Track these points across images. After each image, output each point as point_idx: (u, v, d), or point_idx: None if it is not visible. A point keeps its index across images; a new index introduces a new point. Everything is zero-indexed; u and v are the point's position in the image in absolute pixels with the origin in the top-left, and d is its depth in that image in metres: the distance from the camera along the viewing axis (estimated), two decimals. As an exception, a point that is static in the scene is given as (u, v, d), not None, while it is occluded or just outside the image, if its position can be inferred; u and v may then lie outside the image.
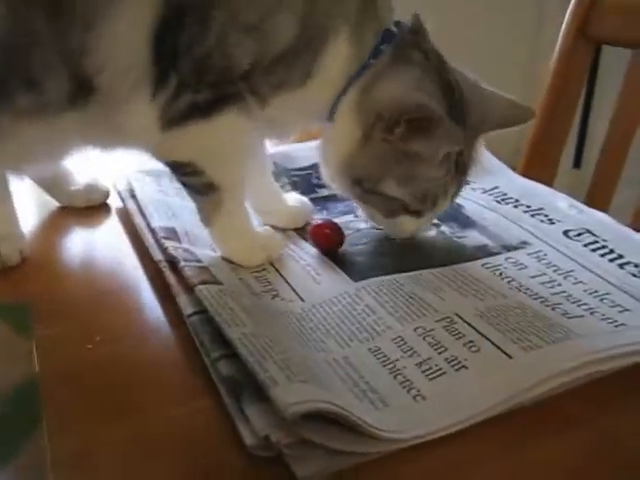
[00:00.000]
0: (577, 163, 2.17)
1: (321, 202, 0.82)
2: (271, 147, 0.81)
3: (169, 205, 0.78)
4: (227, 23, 0.61)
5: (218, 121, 0.64)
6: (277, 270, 0.70)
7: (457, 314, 0.60)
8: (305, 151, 0.90)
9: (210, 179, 0.67)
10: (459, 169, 0.71)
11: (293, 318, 0.62)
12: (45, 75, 0.62)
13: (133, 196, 0.81)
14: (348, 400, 0.50)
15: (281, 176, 0.86)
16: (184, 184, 0.70)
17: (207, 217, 0.70)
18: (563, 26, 1.09)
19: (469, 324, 0.59)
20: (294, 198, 0.81)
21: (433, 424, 0.49)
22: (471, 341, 0.57)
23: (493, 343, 0.56)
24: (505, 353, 0.55)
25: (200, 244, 0.72)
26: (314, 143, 0.90)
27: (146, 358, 0.59)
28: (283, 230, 0.77)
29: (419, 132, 0.65)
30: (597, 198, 1.07)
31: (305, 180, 0.85)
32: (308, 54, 0.65)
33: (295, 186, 0.85)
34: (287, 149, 0.87)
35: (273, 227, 0.77)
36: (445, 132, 0.65)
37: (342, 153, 0.69)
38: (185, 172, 0.68)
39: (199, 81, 0.63)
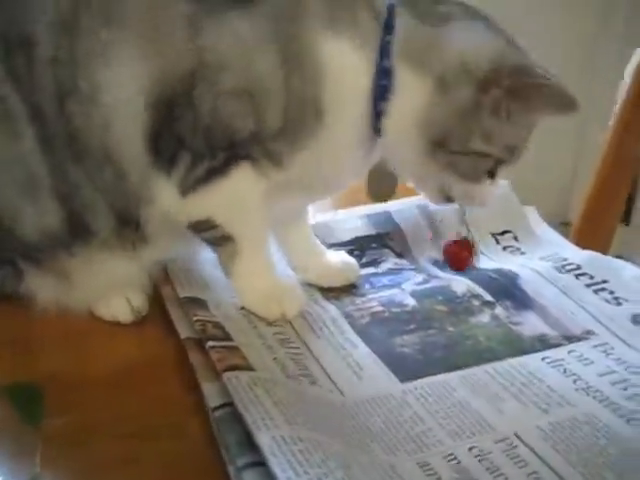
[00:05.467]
0: (626, 219, 2.09)
1: (364, 277, 0.76)
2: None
3: (201, 275, 0.73)
4: (212, 96, 0.61)
5: (235, 175, 0.65)
6: (314, 356, 0.63)
7: (517, 435, 0.53)
8: (346, 223, 0.83)
9: (225, 231, 0.67)
10: None
11: (334, 412, 0.56)
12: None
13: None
14: None
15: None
16: (202, 239, 0.69)
17: (226, 267, 0.69)
18: (621, 93, 1.02)
19: (532, 450, 0.52)
20: (338, 256, 0.77)
21: None
22: (535, 472, 0.50)
23: (562, 478, 0.49)
24: (576, 492, 0.48)
25: (233, 317, 0.67)
26: (355, 211, 0.85)
27: (162, 461, 0.53)
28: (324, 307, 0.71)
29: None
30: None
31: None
32: (309, 87, 0.62)
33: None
34: (326, 220, 0.81)
35: (311, 285, 0.74)
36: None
37: (416, 113, 0.64)
38: (203, 229, 0.68)
39: (213, 150, 0.63)
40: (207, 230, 0.67)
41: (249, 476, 0.47)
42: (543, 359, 0.64)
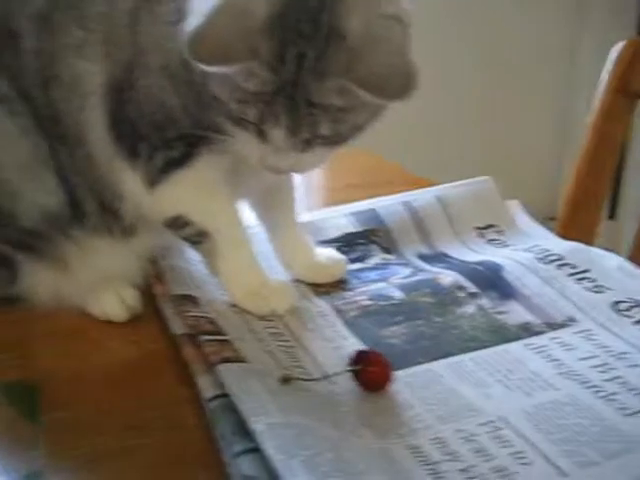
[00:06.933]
0: (612, 214, 2.12)
1: (352, 272, 0.78)
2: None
3: (192, 273, 0.74)
4: (145, 74, 0.66)
5: (196, 165, 0.67)
6: (305, 349, 0.65)
7: (502, 417, 0.55)
8: (333, 220, 0.85)
9: (200, 226, 0.69)
10: (292, 89, 0.58)
11: (324, 400, 0.58)
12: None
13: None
14: None
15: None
16: (181, 238, 0.72)
17: (210, 265, 0.71)
18: (602, 83, 1.05)
19: (516, 431, 0.54)
20: (326, 253, 0.79)
21: None
22: (520, 452, 0.52)
23: (545, 456, 0.51)
24: (559, 469, 0.50)
25: (224, 313, 0.68)
26: (342, 209, 0.87)
27: (163, 450, 0.55)
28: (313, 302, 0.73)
29: None
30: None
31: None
32: None
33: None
34: (313, 219, 0.83)
35: (301, 281, 0.76)
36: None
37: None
38: (178, 226, 0.70)
39: (165, 140, 0.67)
40: (182, 227, 0.69)
41: (244, 462, 0.49)
42: (527, 346, 0.66)
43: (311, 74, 0.58)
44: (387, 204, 0.87)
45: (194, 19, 0.58)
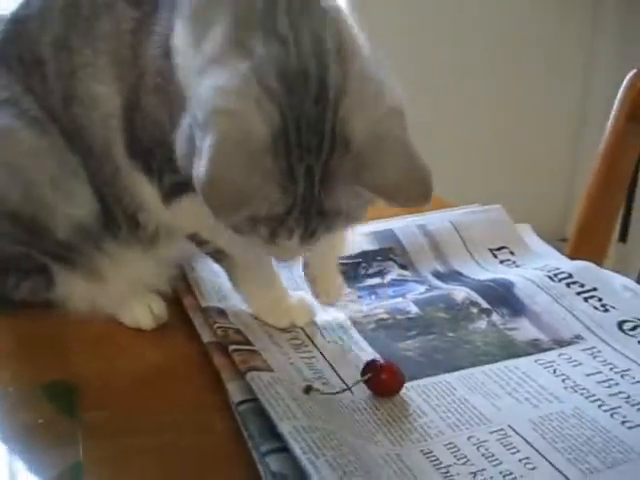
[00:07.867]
0: (623, 236, 2.13)
1: (368, 289, 0.82)
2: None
3: (219, 286, 0.78)
4: (144, 92, 0.67)
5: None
6: (326, 360, 0.69)
7: (510, 426, 0.59)
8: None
9: (215, 245, 0.72)
10: (304, 204, 0.57)
11: (344, 408, 0.62)
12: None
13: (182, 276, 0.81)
14: None
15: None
16: (205, 254, 0.75)
17: (232, 281, 0.74)
18: (614, 108, 1.08)
19: (523, 438, 0.57)
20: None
21: None
22: (527, 457, 0.55)
23: (550, 463, 0.55)
24: (563, 475, 0.53)
25: (250, 325, 0.72)
26: (359, 228, 0.87)
27: (193, 450, 0.59)
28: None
29: None
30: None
31: (353, 269, 0.84)
32: None
33: (343, 275, 0.82)
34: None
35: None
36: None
37: None
38: (198, 242, 0.73)
39: (169, 160, 0.64)
40: (201, 245, 0.73)
41: (272, 460, 0.53)
42: (536, 361, 0.69)
43: (322, 186, 0.56)
44: (403, 225, 0.91)
45: (200, 160, 0.54)
